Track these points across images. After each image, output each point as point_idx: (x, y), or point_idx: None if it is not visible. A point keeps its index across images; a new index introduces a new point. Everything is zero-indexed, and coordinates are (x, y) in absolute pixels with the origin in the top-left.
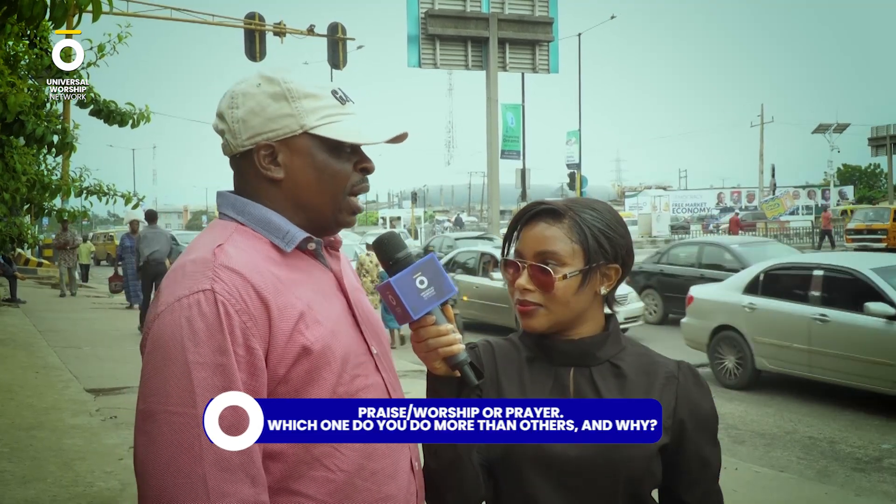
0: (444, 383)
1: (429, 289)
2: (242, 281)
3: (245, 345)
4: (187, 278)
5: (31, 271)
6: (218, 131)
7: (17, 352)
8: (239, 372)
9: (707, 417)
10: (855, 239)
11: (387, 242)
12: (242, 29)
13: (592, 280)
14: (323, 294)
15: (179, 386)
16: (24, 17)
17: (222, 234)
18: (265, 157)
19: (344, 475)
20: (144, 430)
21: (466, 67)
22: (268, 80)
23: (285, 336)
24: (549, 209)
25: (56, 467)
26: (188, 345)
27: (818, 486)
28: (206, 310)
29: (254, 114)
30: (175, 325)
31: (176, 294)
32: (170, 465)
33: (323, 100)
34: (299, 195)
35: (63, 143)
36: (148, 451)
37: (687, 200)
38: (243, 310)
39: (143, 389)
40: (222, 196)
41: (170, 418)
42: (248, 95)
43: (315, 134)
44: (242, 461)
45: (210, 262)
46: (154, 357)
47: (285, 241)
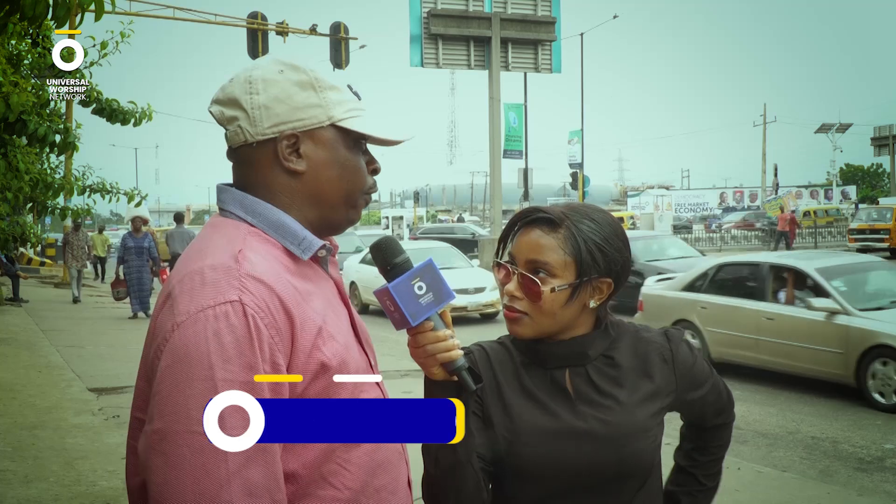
0: (442, 388)
1: (427, 294)
2: (269, 292)
3: (272, 361)
4: (209, 287)
5: (33, 270)
6: (225, 118)
7: (19, 351)
8: (266, 389)
9: (702, 371)
10: (857, 239)
11: (385, 247)
12: (245, 28)
13: (582, 294)
14: (332, 306)
15: (204, 405)
16: (26, 16)
17: (237, 237)
18: (287, 147)
19: (350, 493)
20: (162, 450)
21: (469, 67)
22: (291, 67)
23: (305, 352)
24: (547, 217)
25: (58, 466)
26: (216, 361)
27: (821, 485)
28: (236, 322)
29: (279, 101)
30: (200, 339)
31: (199, 303)
32: (195, 491)
33: (345, 93)
34: (318, 189)
35: (65, 143)
36: (168, 474)
37: (689, 200)
38: (272, 324)
39: (161, 407)
40: (226, 191)
41: (192, 439)
42: (271, 82)
43: (341, 126)
44: (269, 485)
45: (234, 270)
46: (174, 372)
47: (301, 249)
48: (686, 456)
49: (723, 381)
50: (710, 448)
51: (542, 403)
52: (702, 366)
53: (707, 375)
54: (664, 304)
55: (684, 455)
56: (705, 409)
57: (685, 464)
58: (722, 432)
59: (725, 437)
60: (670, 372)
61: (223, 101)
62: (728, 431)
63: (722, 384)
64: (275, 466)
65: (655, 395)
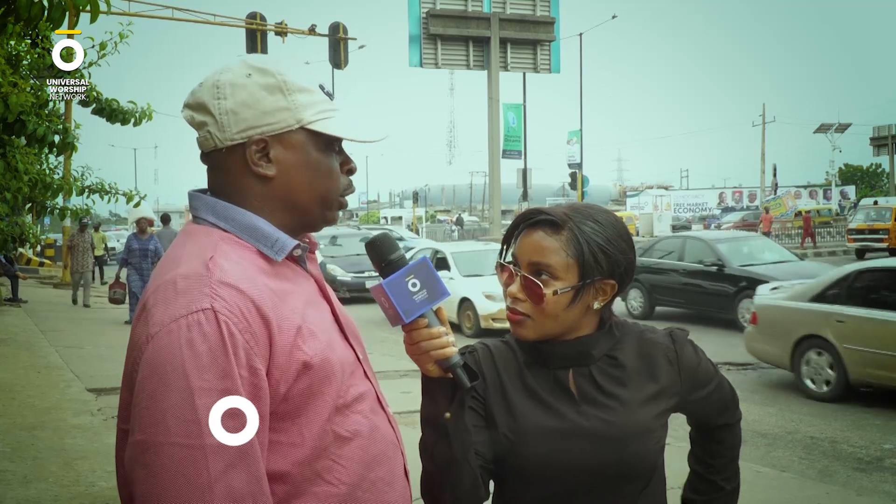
0: (438, 385)
1: (421, 291)
2: (242, 297)
3: (248, 365)
4: (181, 296)
5: (32, 271)
6: (195, 123)
7: (18, 351)
8: (243, 394)
9: (706, 372)
10: (857, 239)
11: (380, 244)
12: (244, 29)
13: (585, 296)
14: (312, 304)
15: (182, 416)
16: (21, 17)
17: (208, 244)
18: (257, 152)
19: (346, 487)
20: (144, 462)
21: (468, 67)
22: (259, 70)
23: (286, 353)
24: (550, 219)
25: (57, 467)
26: (190, 370)
27: (819, 485)
28: (208, 330)
29: (246, 106)
30: (174, 349)
31: (171, 314)
32: (176, 500)
33: (315, 94)
34: (290, 193)
35: (64, 143)
36: (151, 486)
37: (688, 200)
38: (246, 328)
39: (141, 420)
40: (197, 198)
41: (172, 451)
42: (238, 86)
43: (311, 129)
44: (252, 489)
45: (205, 277)
46: (150, 384)
47: (274, 250)
48: (699, 461)
49: (727, 381)
50: (721, 450)
51: (545, 403)
52: (706, 366)
53: (712, 375)
54: (787, 317)
55: (697, 460)
56: (709, 408)
57: (701, 469)
58: (730, 432)
59: (735, 436)
60: (675, 373)
61: (193, 106)
62: (736, 431)
63: (726, 383)
64: (257, 471)
65: (659, 395)
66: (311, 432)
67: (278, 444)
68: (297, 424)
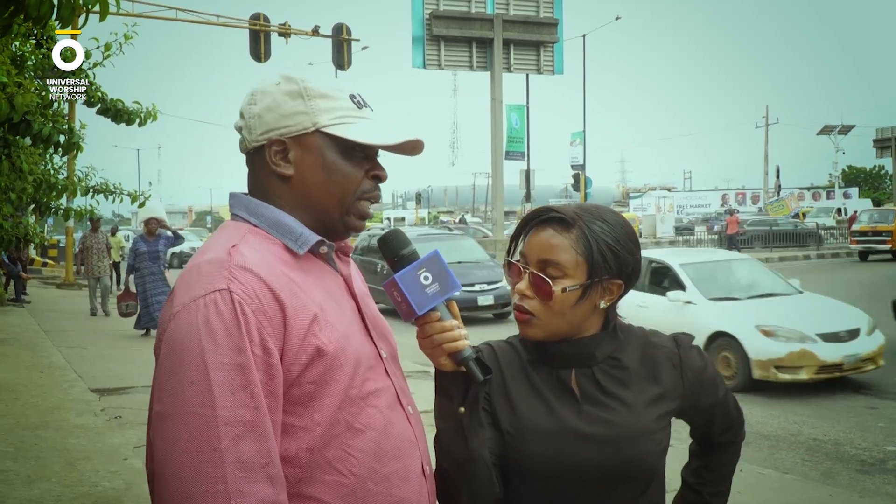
0: (451, 379)
1: (433, 284)
2: (258, 281)
3: (262, 345)
4: (203, 278)
5: (35, 271)
6: (237, 128)
7: (21, 351)
8: (256, 371)
9: (711, 379)
10: (860, 241)
11: (391, 239)
12: (247, 30)
13: (593, 294)
14: (333, 297)
15: (198, 387)
16: (30, 16)
17: (235, 234)
18: (276, 153)
19: (356, 479)
20: (161, 432)
21: (471, 68)
22: (287, 78)
23: (300, 337)
24: (559, 217)
25: (60, 467)
26: (206, 345)
27: (823, 487)
28: (223, 309)
29: (269, 110)
30: (192, 326)
31: (192, 294)
32: (191, 467)
33: (339, 101)
34: (307, 194)
35: (69, 143)
36: (167, 453)
37: (691, 201)
38: (259, 309)
39: (159, 391)
40: (235, 197)
41: (188, 419)
42: (266, 93)
43: (327, 133)
44: (262, 461)
45: (225, 261)
46: (170, 358)
47: (298, 244)
48: (693, 473)
49: (734, 398)
50: (716, 465)
51: (547, 402)
52: (712, 373)
53: (717, 384)
54: None
55: (691, 472)
56: (714, 424)
57: (692, 481)
58: (730, 450)
59: (734, 455)
60: (678, 376)
61: (239, 114)
62: (736, 450)
63: (733, 400)
64: (267, 443)
65: (662, 398)
66: (322, 418)
67: (291, 427)
68: (309, 409)
